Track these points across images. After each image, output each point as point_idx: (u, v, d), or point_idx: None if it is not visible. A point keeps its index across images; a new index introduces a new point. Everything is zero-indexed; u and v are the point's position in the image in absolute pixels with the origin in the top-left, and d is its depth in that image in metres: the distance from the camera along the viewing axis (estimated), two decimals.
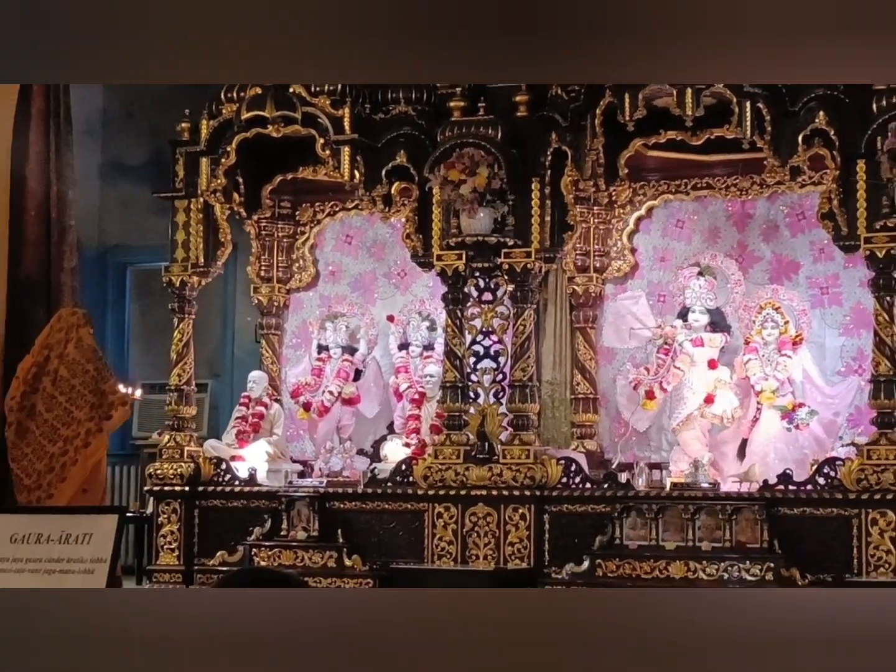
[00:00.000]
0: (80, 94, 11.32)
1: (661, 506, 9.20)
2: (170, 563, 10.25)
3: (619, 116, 9.23)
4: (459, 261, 9.83)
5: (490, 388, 9.89)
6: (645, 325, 10.48)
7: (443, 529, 9.73)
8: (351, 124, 10.00)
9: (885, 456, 8.90)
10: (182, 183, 10.54)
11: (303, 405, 10.97)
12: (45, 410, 9.94)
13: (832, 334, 10.45)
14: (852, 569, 8.89)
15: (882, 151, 8.85)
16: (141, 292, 13.21)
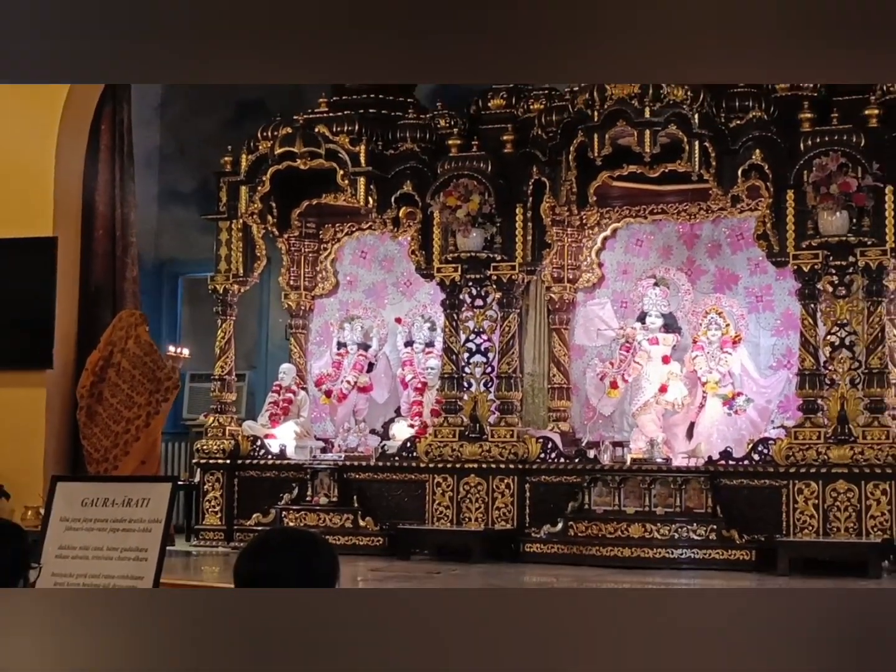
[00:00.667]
0: (140, 132, 11.39)
1: (622, 477, 9.22)
2: (213, 524, 10.36)
3: (589, 153, 9.26)
4: (455, 273, 9.91)
5: (481, 379, 9.93)
6: (610, 326, 10.51)
7: (441, 496, 9.77)
8: (366, 159, 10.07)
9: (809, 437, 8.96)
10: (225, 207, 10.64)
11: (325, 392, 10.98)
12: (110, 396, 9.98)
13: (765, 335, 10.45)
14: (781, 530, 8.90)
15: (808, 183, 8.92)
16: (191, 298, 13.22)
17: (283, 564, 3.30)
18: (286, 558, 3.35)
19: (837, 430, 8.91)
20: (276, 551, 3.41)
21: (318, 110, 10.46)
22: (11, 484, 9.63)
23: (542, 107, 10.06)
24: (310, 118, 10.36)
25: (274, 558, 3.35)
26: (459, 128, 10.25)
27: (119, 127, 10.77)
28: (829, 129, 9.02)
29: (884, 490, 8.75)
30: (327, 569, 3.40)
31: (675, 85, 9.08)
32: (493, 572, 8.59)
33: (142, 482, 6.84)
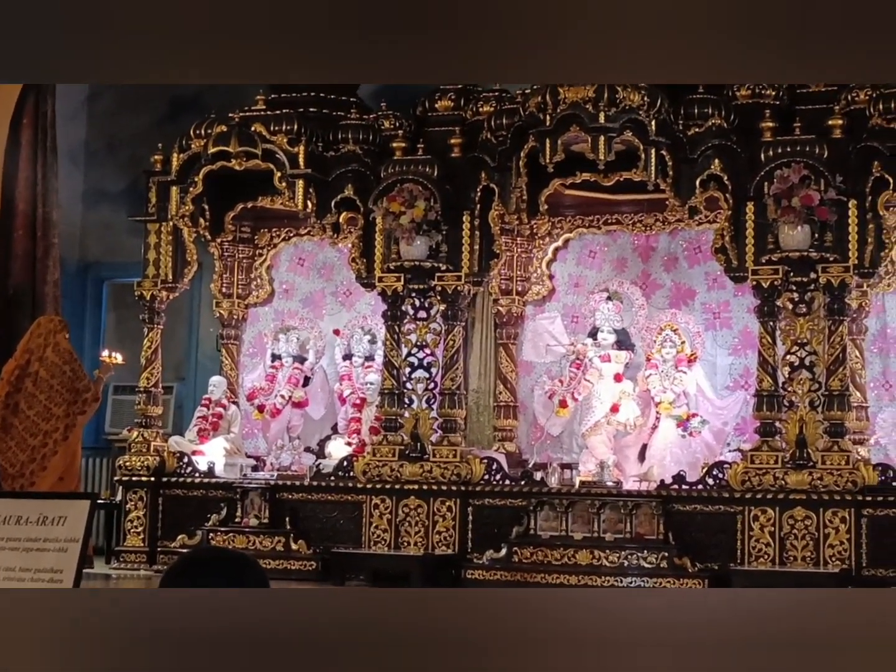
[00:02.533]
0: (65, 126, 11.32)
1: (570, 501, 9.24)
2: (136, 545, 10.28)
3: (540, 159, 9.28)
4: (398, 282, 9.90)
5: (423, 395, 9.91)
6: (559, 342, 10.55)
7: (379, 519, 9.75)
8: (305, 160, 10.06)
9: (766, 461, 9.03)
10: (154, 208, 10.58)
11: (257, 407, 10.97)
12: (26, 408, 9.88)
13: (722, 354, 10.53)
14: (736, 558, 8.97)
15: (768, 195, 9.00)
16: (116, 304, 13.14)
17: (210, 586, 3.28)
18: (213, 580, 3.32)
19: (796, 454, 8.99)
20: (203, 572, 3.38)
21: (255, 108, 10.45)
22: None
23: (491, 109, 10.11)
24: (246, 116, 10.34)
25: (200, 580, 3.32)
26: (404, 130, 10.28)
27: (42, 120, 10.71)
28: (791, 140, 9.11)
29: (843, 518, 8.83)
30: None
31: (632, 89, 9.12)
32: None
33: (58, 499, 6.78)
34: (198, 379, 12.19)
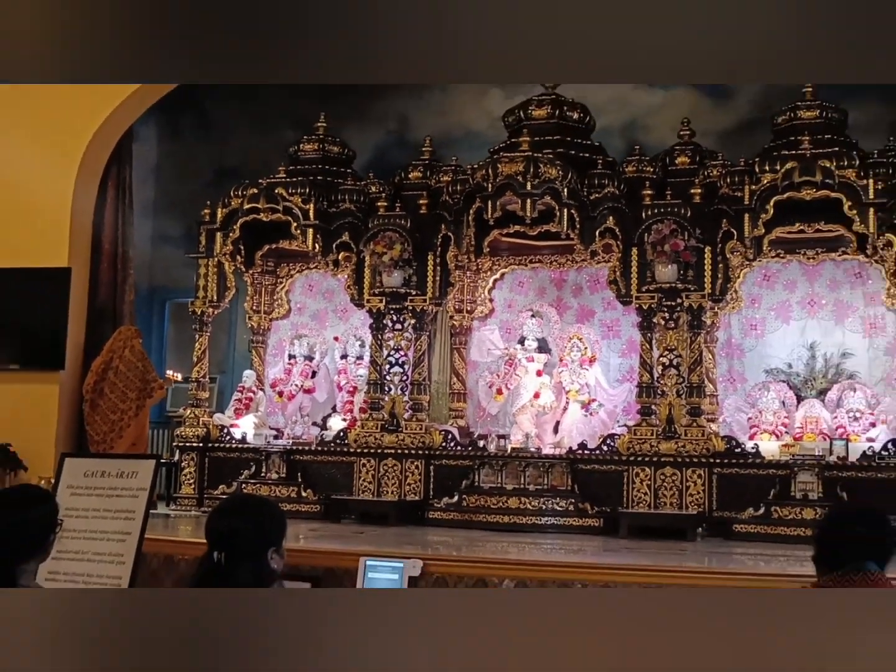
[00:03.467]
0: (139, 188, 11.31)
1: (504, 462, 9.25)
2: (188, 493, 10.22)
3: (484, 215, 9.33)
4: (381, 303, 9.90)
5: (398, 385, 9.90)
6: (497, 347, 10.58)
7: (366, 474, 9.72)
8: (314, 214, 10.05)
9: (645, 433, 9.05)
10: (204, 248, 10.54)
11: (278, 393, 10.92)
12: (109, 392, 9.85)
13: (614, 356, 10.57)
14: (623, 504, 8.95)
15: (647, 243, 9.04)
16: (175, 317, 13.06)
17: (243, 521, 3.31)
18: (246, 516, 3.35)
19: (666, 429, 9.02)
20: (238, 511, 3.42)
21: (277, 176, 10.41)
22: (29, 458, 9.48)
23: (449, 179, 10.14)
24: (271, 182, 10.31)
25: (236, 517, 3.35)
26: (386, 193, 10.28)
27: (122, 183, 10.69)
28: (664, 203, 9.15)
29: (699, 475, 8.88)
30: (277, 526, 3.42)
31: (550, 165, 9.18)
32: (404, 533, 8.59)
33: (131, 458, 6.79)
34: (234, 372, 12.15)
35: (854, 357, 9.88)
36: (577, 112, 10.30)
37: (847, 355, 9.90)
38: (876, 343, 9.85)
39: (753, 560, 7.28)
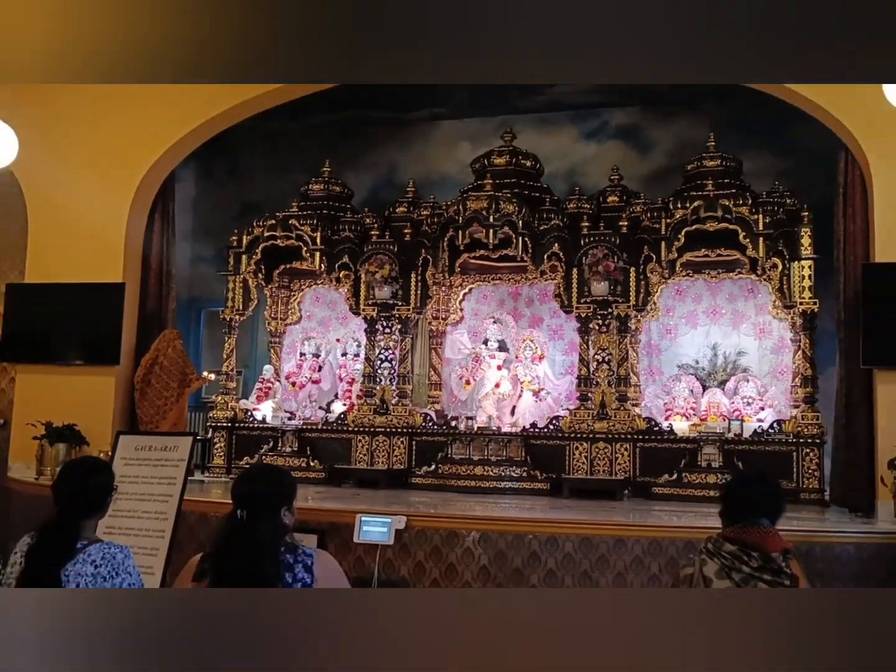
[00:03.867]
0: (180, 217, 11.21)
1: (471, 438, 9.27)
2: (219, 464, 10.15)
3: (456, 242, 9.34)
4: (374, 312, 9.89)
5: (388, 377, 9.89)
6: (466, 347, 10.61)
7: (362, 448, 9.70)
8: (321, 241, 10.01)
9: (583, 416, 9.09)
10: (232, 267, 10.49)
11: (291, 383, 10.89)
12: (155, 382, 9.75)
13: (559, 354, 10.56)
14: (566, 471, 8.96)
15: (585, 264, 9.10)
16: (209, 323, 12.94)
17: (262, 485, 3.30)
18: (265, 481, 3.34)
19: (599, 412, 9.07)
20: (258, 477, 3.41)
21: (291, 210, 10.37)
22: (91, 436, 9.40)
23: (428, 213, 10.13)
24: (287, 215, 10.27)
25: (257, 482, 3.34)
26: (378, 224, 10.23)
27: (166, 214, 10.59)
28: (598, 232, 9.20)
29: (626, 448, 8.93)
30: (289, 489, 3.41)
31: (508, 202, 9.20)
32: (392, 495, 8.59)
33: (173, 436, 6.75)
34: (256, 366, 12.05)
35: (747, 355, 9.94)
36: (529, 160, 10.32)
37: (742, 354, 9.97)
38: (764, 344, 9.92)
39: (668, 515, 7.32)
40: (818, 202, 9.09)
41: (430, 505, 7.68)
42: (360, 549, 6.51)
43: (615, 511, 7.51)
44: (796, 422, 8.63)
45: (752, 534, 3.26)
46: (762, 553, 3.24)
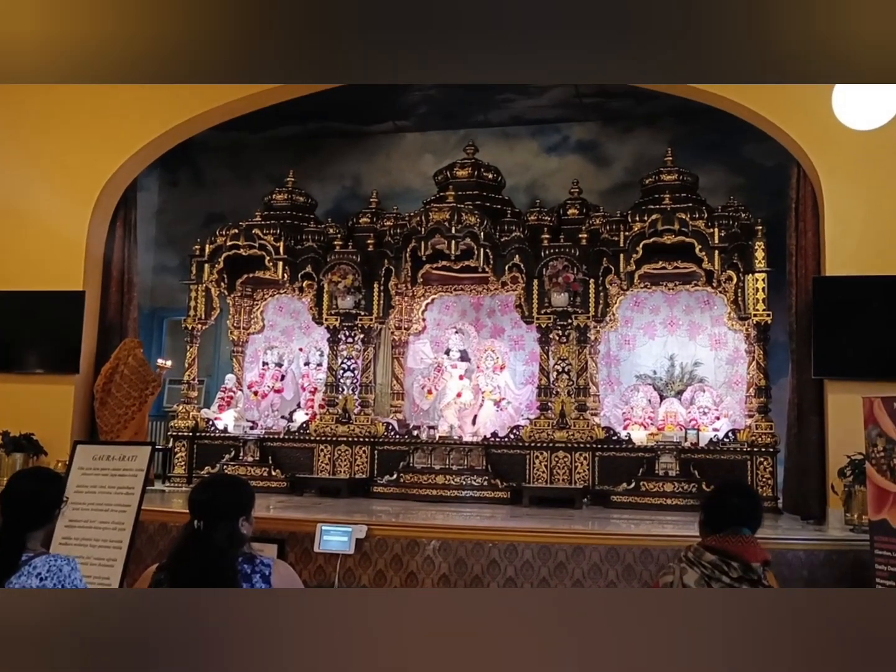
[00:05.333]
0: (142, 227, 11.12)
1: (433, 447, 9.25)
2: (179, 473, 10.03)
3: (418, 252, 9.31)
4: (337, 321, 9.82)
5: (350, 386, 9.85)
6: (428, 356, 10.57)
7: (323, 457, 9.63)
8: (284, 250, 9.94)
9: (543, 425, 9.07)
10: (195, 276, 10.37)
11: (253, 392, 10.80)
12: (115, 392, 9.61)
13: (520, 364, 10.58)
14: (526, 480, 8.95)
15: (545, 276, 9.09)
16: (171, 332, 12.86)
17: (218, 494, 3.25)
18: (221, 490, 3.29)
19: (559, 421, 9.07)
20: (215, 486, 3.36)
21: (254, 219, 10.30)
22: (50, 446, 9.22)
23: (391, 224, 10.11)
24: (250, 224, 10.19)
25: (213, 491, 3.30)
26: (341, 234, 10.18)
27: (129, 223, 10.45)
28: (558, 244, 9.22)
29: (585, 457, 8.93)
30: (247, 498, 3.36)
31: (470, 214, 9.21)
32: (353, 503, 8.52)
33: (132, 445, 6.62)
34: (219, 375, 11.99)
35: (703, 366, 10.04)
36: (491, 173, 10.35)
37: (698, 364, 10.06)
38: (720, 355, 10.03)
39: (626, 523, 7.34)
40: (771, 216, 9.25)
41: (392, 514, 7.63)
42: (320, 559, 6.44)
43: (574, 519, 7.51)
44: (751, 431, 8.71)
45: (733, 543, 3.26)
46: (742, 563, 3.24)
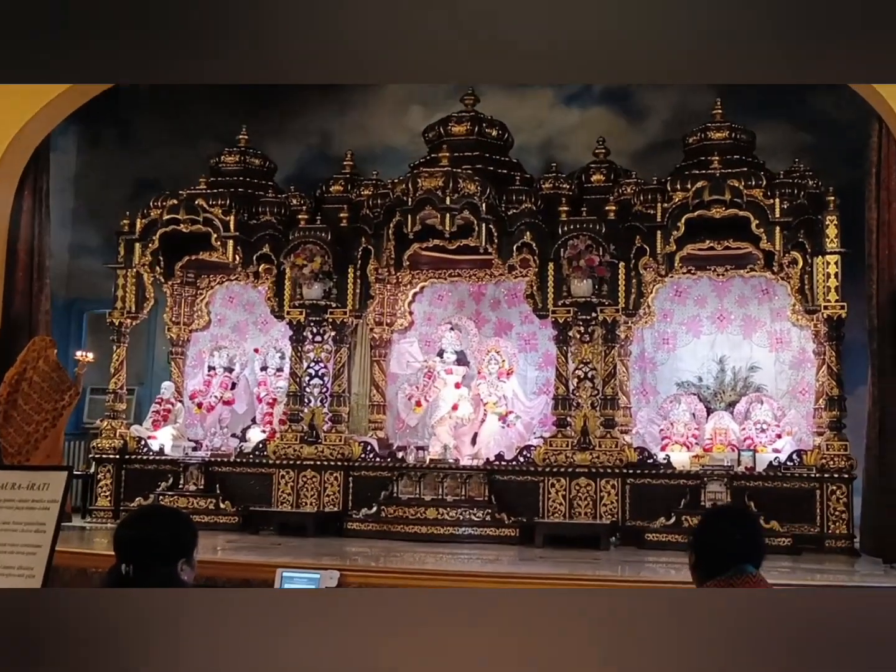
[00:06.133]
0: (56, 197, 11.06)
1: (422, 473, 9.22)
2: (104, 505, 9.99)
3: (404, 229, 9.29)
4: (301, 315, 9.81)
5: (318, 397, 9.82)
6: (416, 359, 10.58)
7: (285, 486, 9.62)
8: (235, 226, 9.92)
9: (560, 445, 9.08)
10: (123, 259, 10.34)
11: (197, 404, 10.77)
12: (23, 403, 9.54)
13: (531, 369, 10.59)
14: (539, 514, 8.94)
15: (563, 258, 9.09)
16: (93, 328, 12.79)
17: (151, 532, 3.22)
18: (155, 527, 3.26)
19: (581, 440, 9.07)
20: (147, 522, 3.32)
21: (198, 187, 10.26)
22: None
23: (370, 193, 10.10)
24: (192, 193, 10.15)
25: (144, 527, 3.26)
26: (307, 206, 10.19)
27: (39, 192, 10.40)
28: (579, 219, 9.23)
29: (613, 485, 8.95)
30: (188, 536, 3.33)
31: (469, 181, 9.19)
32: (322, 544, 8.49)
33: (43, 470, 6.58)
34: (153, 383, 11.96)
35: (761, 370, 10.06)
36: (495, 130, 10.34)
37: (754, 369, 10.07)
38: (782, 357, 10.05)
39: (665, 568, 7.33)
40: (846, 185, 9.24)
41: (371, 557, 7.61)
42: None
43: (600, 563, 7.50)
44: (820, 452, 8.72)
45: (739, 585, 3.24)
46: None
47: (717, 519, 3.63)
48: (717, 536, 3.36)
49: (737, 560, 3.27)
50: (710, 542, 3.36)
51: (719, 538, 3.34)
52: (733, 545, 3.30)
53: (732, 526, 3.40)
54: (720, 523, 3.49)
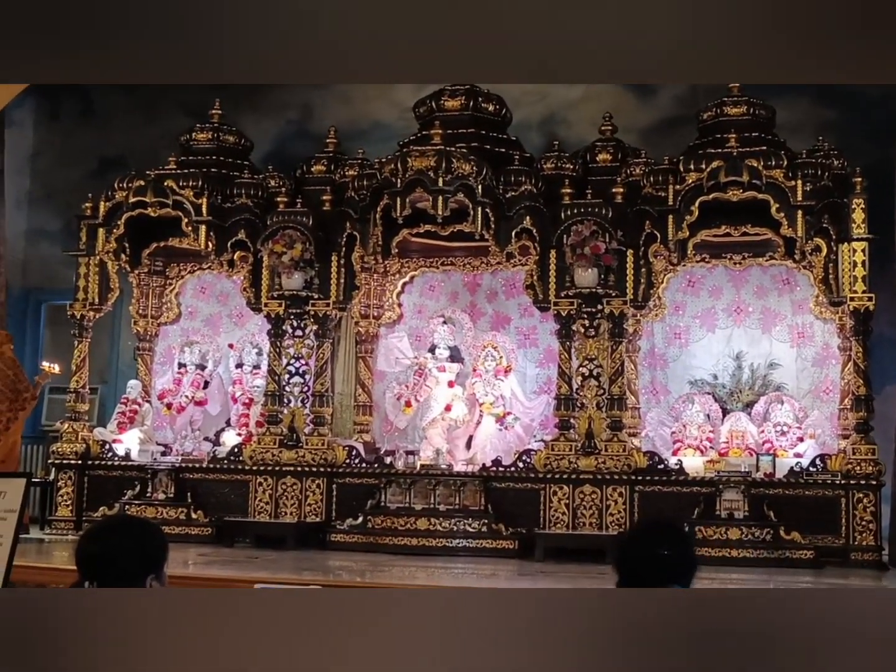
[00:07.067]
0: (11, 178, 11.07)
1: (412, 480, 9.25)
2: (65, 515, 10.02)
3: (392, 213, 9.28)
4: (280, 307, 9.84)
5: (298, 396, 9.85)
6: (406, 356, 10.59)
7: (262, 494, 9.65)
8: (207, 210, 9.94)
9: (563, 449, 9.12)
10: (85, 245, 10.35)
11: (166, 405, 10.79)
12: None
13: (531, 366, 10.63)
14: (539, 524, 9.01)
15: (566, 245, 9.11)
16: (52, 321, 12.81)
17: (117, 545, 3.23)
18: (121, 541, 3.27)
19: (585, 443, 9.11)
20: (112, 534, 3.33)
21: (167, 167, 10.27)
22: None
23: (355, 173, 10.12)
24: (161, 174, 10.16)
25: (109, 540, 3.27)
26: (287, 188, 10.22)
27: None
28: (584, 203, 9.25)
29: (620, 493, 8.99)
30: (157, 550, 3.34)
31: (464, 160, 9.21)
32: (303, 558, 8.53)
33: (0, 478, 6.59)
34: (118, 382, 11.95)
35: (781, 368, 10.10)
36: (492, 104, 10.35)
37: (774, 366, 10.11)
38: (804, 353, 10.08)
39: None
40: (875, 165, 9.28)
41: (356, 571, 7.65)
42: None
43: (606, 578, 7.52)
44: (845, 457, 8.77)
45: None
46: None
47: (642, 534, 3.59)
48: (642, 554, 3.33)
49: (663, 580, 3.24)
50: (634, 559, 3.33)
51: (644, 555, 3.30)
52: (660, 563, 3.28)
53: (660, 542, 3.37)
54: (645, 539, 3.45)
